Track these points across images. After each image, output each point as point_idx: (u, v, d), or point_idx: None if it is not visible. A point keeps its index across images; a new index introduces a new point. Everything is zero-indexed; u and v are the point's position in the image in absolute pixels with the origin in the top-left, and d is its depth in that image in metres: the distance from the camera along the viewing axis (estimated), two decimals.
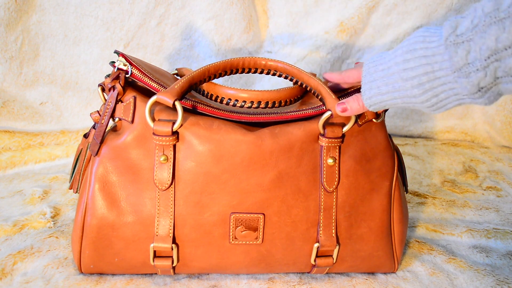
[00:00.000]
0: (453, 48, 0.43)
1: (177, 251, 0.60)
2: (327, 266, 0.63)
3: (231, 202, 0.59)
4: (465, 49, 0.42)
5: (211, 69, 0.62)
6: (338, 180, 0.61)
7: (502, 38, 0.40)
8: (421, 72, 0.46)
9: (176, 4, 1.00)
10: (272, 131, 0.59)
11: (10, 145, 0.98)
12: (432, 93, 0.47)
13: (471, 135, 1.24)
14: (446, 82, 0.45)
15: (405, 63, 0.47)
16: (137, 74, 0.60)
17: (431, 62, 0.45)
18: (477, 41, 0.41)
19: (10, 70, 0.97)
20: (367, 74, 0.53)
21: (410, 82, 0.47)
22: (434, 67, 0.45)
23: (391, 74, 0.49)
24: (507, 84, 0.42)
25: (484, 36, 0.41)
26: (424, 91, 0.47)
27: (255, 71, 0.66)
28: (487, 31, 0.41)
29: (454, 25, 0.44)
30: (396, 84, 0.49)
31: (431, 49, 0.45)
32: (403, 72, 0.48)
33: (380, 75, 0.51)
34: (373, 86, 0.52)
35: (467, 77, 0.43)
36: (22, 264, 0.65)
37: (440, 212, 0.86)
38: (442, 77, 0.45)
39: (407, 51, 0.47)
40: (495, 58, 0.41)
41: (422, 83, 0.47)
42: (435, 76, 0.45)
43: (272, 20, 1.09)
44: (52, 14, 0.96)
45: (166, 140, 0.57)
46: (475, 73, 0.42)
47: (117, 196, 0.59)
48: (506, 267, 0.70)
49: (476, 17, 0.42)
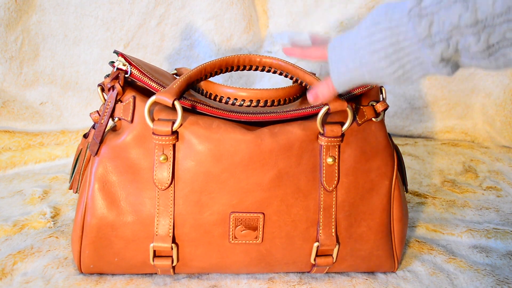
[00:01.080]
0: (417, 19, 0.44)
1: (176, 250, 0.60)
2: (327, 265, 0.63)
3: (231, 201, 0.59)
4: (429, 20, 0.43)
5: (207, 68, 0.62)
6: (337, 179, 0.61)
7: (465, 17, 0.41)
8: (387, 44, 0.46)
9: (176, 4, 1.00)
10: (271, 130, 0.59)
11: (10, 145, 0.98)
12: (398, 64, 0.47)
13: (471, 135, 1.24)
14: (412, 52, 0.46)
15: (370, 37, 0.48)
16: (137, 74, 0.60)
17: (396, 33, 0.46)
18: (441, 14, 0.42)
19: (10, 70, 0.98)
20: (333, 54, 0.53)
21: (377, 54, 0.48)
22: (399, 38, 0.46)
23: (357, 50, 0.49)
24: (465, 59, 0.43)
25: (448, 12, 0.42)
26: (391, 62, 0.47)
27: (250, 68, 0.66)
28: (451, 7, 0.42)
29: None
30: (363, 58, 0.49)
31: (395, 21, 0.46)
32: (369, 45, 0.48)
33: (346, 52, 0.51)
34: (341, 65, 0.52)
35: (431, 48, 0.44)
36: (22, 264, 0.65)
37: (440, 212, 0.86)
38: (407, 47, 0.46)
39: (371, 24, 0.48)
40: (457, 32, 0.42)
41: (389, 55, 0.47)
42: (401, 47, 0.46)
43: (272, 20, 1.10)
44: (52, 14, 0.97)
45: (165, 139, 0.57)
46: (438, 44, 0.43)
47: (117, 195, 0.59)
48: (506, 267, 0.70)
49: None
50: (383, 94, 0.65)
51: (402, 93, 1.20)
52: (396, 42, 0.46)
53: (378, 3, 1.06)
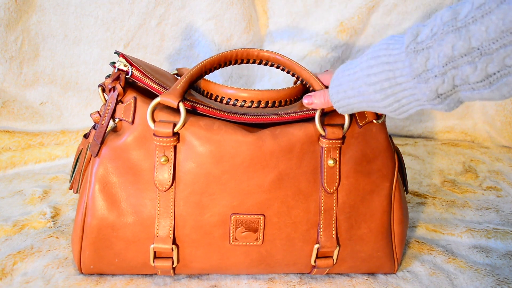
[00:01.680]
0: (413, 55, 0.44)
1: (177, 252, 0.60)
2: (327, 267, 0.63)
3: (232, 203, 0.59)
4: (424, 56, 0.44)
5: (207, 65, 0.63)
6: (338, 181, 0.61)
7: (458, 46, 0.41)
8: (383, 78, 0.48)
9: (176, 4, 1.00)
10: (272, 132, 0.59)
11: (10, 145, 0.98)
12: (393, 98, 0.48)
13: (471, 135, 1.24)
14: (407, 88, 0.46)
15: (369, 69, 0.49)
16: (138, 74, 0.60)
17: (393, 68, 0.46)
18: (436, 48, 0.43)
19: (10, 70, 0.97)
20: (335, 79, 0.55)
21: (373, 87, 0.49)
22: (395, 73, 0.46)
23: (356, 79, 0.51)
24: (466, 92, 0.43)
25: (442, 44, 0.42)
26: (386, 96, 0.48)
27: (248, 61, 0.66)
28: (444, 39, 0.42)
29: (415, 33, 0.45)
30: (360, 88, 0.51)
31: (393, 56, 0.47)
32: (367, 77, 0.49)
33: (346, 79, 0.53)
34: (340, 90, 0.54)
35: (426, 83, 0.44)
36: (22, 264, 0.65)
37: (440, 212, 0.87)
38: (403, 83, 0.46)
39: (372, 57, 0.49)
40: (452, 65, 0.42)
41: (384, 89, 0.48)
42: (396, 82, 0.47)
43: (272, 20, 1.09)
44: (52, 14, 0.96)
45: (166, 141, 0.57)
46: (433, 79, 0.43)
47: (118, 197, 0.59)
48: (506, 267, 0.70)
49: (436, 26, 0.43)
50: None
51: None
52: (392, 77, 0.47)
53: (378, 3, 1.06)
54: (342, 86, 0.54)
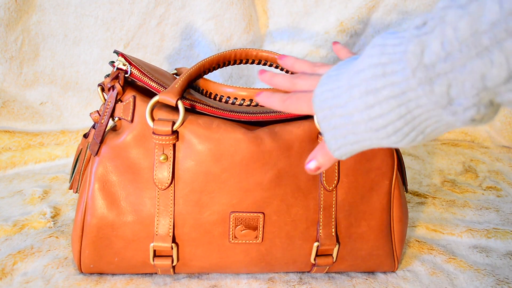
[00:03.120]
0: (427, 86, 0.32)
1: (177, 250, 0.60)
2: (327, 265, 0.63)
3: (231, 201, 0.59)
4: (443, 84, 0.32)
5: (206, 64, 0.63)
6: (337, 179, 0.61)
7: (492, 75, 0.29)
8: (394, 118, 0.36)
9: (176, 4, 1.00)
10: (271, 130, 0.59)
11: (10, 145, 0.98)
12: (415, 133, 0.36)
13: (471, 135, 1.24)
14: (430, 117, 0.34)
15: (369, 110, 0.37)
16: (137, 73, 0.60)
17: (404, 102, 0.34)
18: (457, 75, 0.31)
19: (10, 70, 0.98)
20: (324, 120, 0.41)
21: (384, 131, 0.37)
22: (409, 107, 0.34)
23: (355, 123, 0.39)
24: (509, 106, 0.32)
25: (464, 71, 0.30)
26: (405, 135, 0.37)
27: (247, 62, 0.66)
28: (467, 66, 0.30)
29: (419, 50, 0.32)
30: (365, 134, 0.39)
31: (398, 86, 0.34)
32: (370, 121, 0.37)
33: (340, 121, 0.40)
34: (337, 135, 0.41)
35: (454, 116, 0.33)
36: (22, 264, 0.65)
37: (440, 212, 0.86)
38: (423, 114, 0.34)
39: (367, 91, 0.36)
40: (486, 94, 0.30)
41: (400, 129, 0.36)
42: (413, 116, 0.35)
43: (272, 20, 1.10)
44: (52, 14, 0.97)
45: (166, 139, 0.57)
46: (463, 111, 0.32)
47: (117, 195, 0.59)
48: (506, 267, 0.70)
49: (447, 40, 0.30)
50: None
51: None
52: (406, 113, 0.35)
53: (378, 3, 1.06)
54: (339, 130, 0.41)
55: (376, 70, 0.35)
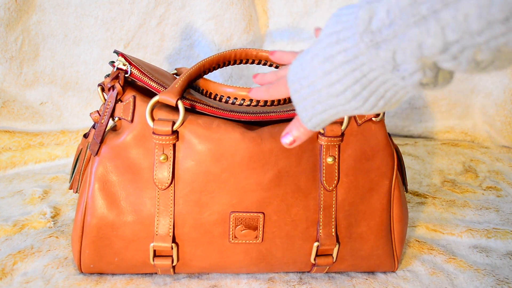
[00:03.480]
0: (373, 50, 0.34)
1: (177, 250, 0.60)
2: (327, 265, 0.63)
3: (231, 201, 0.59)
4: (388, 49, 0.33)
5: (206, 64, 0.63)
6: (337, 179, 0.61)
7: (427, 44, 0.31)
8: (350, 82, 0.37)
9: (176, 4, 1.00)
10: (271, 130, 0.59)
11: (10, 145, 0.98)
12: (375, 97, 0.38)
13: (471, 135, 1.24)
14: (385, 80, 0.36)
15: (327, 76, 0.38)
16: (137, 73, 0.60)
17: (357, 66, 0.36)
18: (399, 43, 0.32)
19: (10, 70, 0.98)
20: (295, 93, 0.44)
21: (343, 96, 0.38)
22: (363, 71, 0.36)
23: (318, 91, 0.40)
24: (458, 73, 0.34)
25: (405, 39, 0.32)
26: (365, 100, 0.38)
27: (247, 62, 0.67)
28: (407, 33, 0.32)
29: (367, 16, 0.34)
30: (328, 101, 0.40)
31: (350, 51, 0.36)
32: (329, 87, 0.39)
33: (307, 92, 0.42)
34: (307, 106, 0.43)
35: (403, 79, 0.35)
36: (22, 264, 0.65)
37: (440, 212, 0.86)
38: (378, 77, 0.36)
39: (324, 59, 0.38)
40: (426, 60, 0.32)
41: (358, 93, 0.38)
42: (369, 80, 0.36)
43: (272, 20, 1.10)
44: (52, 14, 0.97)
45: (166, 139, 0.57)
46: (410, 76, 0.34)
47: (117, 195, 0.59)
48: (506, 267, 0.70)
49: (391, 9, 0.32)
50: None
51: None
52: (361, 76, 0.36)
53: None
54: (308, 101, 0.42)
55: (331, 38, 0.37)
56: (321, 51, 0.39)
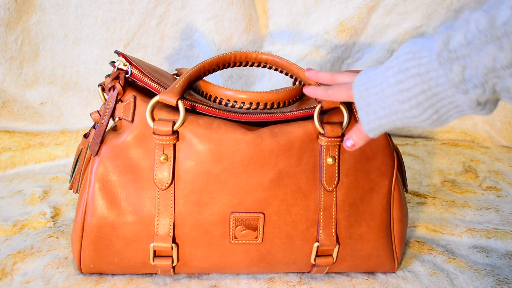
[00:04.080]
0: (447, 64, 0.42)
1: (177, 250, 0.60)
2: (327, 265, 0.63)
3: (231, 201, 0.59)
4: (461, 65, 0.41)
5: (206, 66, 0.64)
6: (337, 179, 0.61)
7: (500, 58, 0.38)
8: (417, 91, 0.45)
9: (176, 4, 1.00)
10: (271, 130, 0.59)
11: (10, 145, 0.98)
12: (432, 110, 0.45)
13: (471, 135, 1.24)
14: (445, 97, 0.43)
15: (399, 84, 0.46)
16: (137, 74, 0.60)
17: (426, 79, 0.44)
18: (473, 58, 0.40)
19: (10, 70, 0.98)
20: (360, 99, 0.51)
21: (408, 103, 0.46)
22: (430, 84, 0.44)
23: (386, 97, 0.48)
24: (505, 98, 0.41)
25: (480, 55, 0.39)
26: (424, 110, 0.45)
27: (246, 64, 0.67)
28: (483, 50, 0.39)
29: (445, 39, 0.42)
30: (393, 107, 0.47)
31: (424, 66, 0.44)
32: (398, 94, 0.46)
33: (374, 98, 0.49)
34: (370, 111, 0.50)
35: (465, 94, 0.42)
36: (22, 264, 0.65)
37: (440, 212, 0.86)
38: (440, 92, 0.43)
39: (399, 71, 0.46)
40: (493, 76, 0.39)
41: (421, 102, 0.45)
42: (433, 93, 0.44)
43: (272, 20, 1.10)
44: (52, 14, 0.97)
45: (166, 139, 0.57)
46: (473, 89, 0.41)
47: (117, 195, 0.59)
48: (506, 267, 0.70)
49: (470, 33, 0.40)
50: None
51: None
52: (427, 89, 0.44)
53: (378, 3, 1.06)
54: (371, 107, 0.50)
55: (408, 56, 0.45)
56: (397, 64, 0.46)
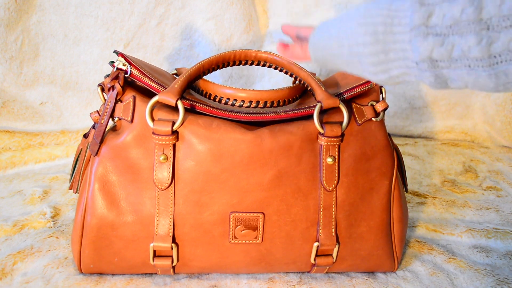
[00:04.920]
0: (417, 5, 0.40)
1: (176, 250, 0.60)
2: (327, 265, 0.63)
3: (231, 201, 0.59)
4: (428, 10, 0.39)
5: (205, 65, 0.63)
6: (337, 179, 0.61)
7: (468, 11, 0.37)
8: (379, 21, 0.43)
9: (176, 4, 1.00)
10: (271, 130, 0.59)
11: (10, 145, 0.98)
12: (382, 46, 0.43)
13: (471, 135, 1.24)
14: (400, 40, 0.42)
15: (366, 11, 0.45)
16: (136, 74, 0.60)
17: (392, 15, 0.42)
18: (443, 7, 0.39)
19: (10, 70, 0.98)
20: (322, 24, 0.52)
21: (365, 27, 0.44)
22: (393, 20, 0.42)
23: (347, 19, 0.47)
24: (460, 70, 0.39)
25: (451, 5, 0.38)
26: (376, 40, 0.44)
27: (246, 63, 0.67)
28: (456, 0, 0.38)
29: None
30: (349, 29, 0.46)
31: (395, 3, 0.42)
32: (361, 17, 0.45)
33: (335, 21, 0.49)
34: (324, 29, 0.51)
35: (423, 38, 0.40)
36: (22, 264, 0.65)
37: (440, 212, 0.86)
38: (398, 33, 0.42)
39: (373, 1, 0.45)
40: (456, 29, 0.38)
41: (376, 32, 0.43)
42: (391, 30, 0.42)
43: (272, 20, 1.10)
44: (52, 14, 0.97)
45: (165, 139, 0.57)
46: (433, 37, 0.39)
47: (117, 195, 0.59)
48: (506, 267, 0.70)
49: None
50: (383, 94, 0.65)
51: (402, 93, 1.20)
52: (389, 23, 0.42)
53: None
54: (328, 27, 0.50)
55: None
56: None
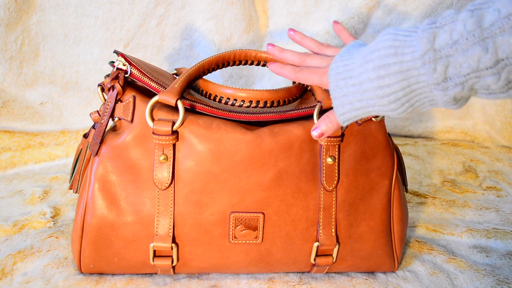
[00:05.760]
0: (432, 65, 0.42)
1: (176, 250, 0.60)
2: (327, 265, 0.63)
3: (231, 201, 0.59)
4: (444, 64, 0.42)
5: (205, 65, 0.64)
6: (337, 179, 0.61)
7: (485, 59, 0.39)
8: (397, 88, 0.45)
9: (176, 4, 1.00)
10: (271, 130, 0.59)
11: (10, 145, 0.98)
12: (408, 104, 0.46)
13: (471, 135, 1.24)
14: (423, 92, 0.45)
15: (379, 80, 0.46)
16: (137, 74, 0.60)
17: (407, 77, 0.44)
18: (458, 58, 0.41)
19: (10, 70, 0.98)
20: (337, 88, 0.51)
21: (387, 98, 0.46)
22: (410, 82, 0.44)
23: (364, 91, 0.48)
24: (482, 95, 0.42)
25: (466, 55, 0.40)
26: (401, 104, 0.46)
27: (246, 63, 0.67)
28: (469, 50, 0.40)
29: (431, 38, 0.42)
30: (370, 100, 0.48)
31: (406, 64, 0.44)
32: (378, 89, 0.46)
33: (351, 90, 0.49)
34: (345, 102, 0.50)
35: (444, 91, 0.43)
36: (22, 264, 0.65)
37: (440, 212, 0.86)
38: (419, 89, 0.44)
39: (380, 66, 0.46)
40: (474, 75, 0.40)
41: (399, 98, 0.46)
42: (411, 90, 0.45)
43: (272, 20, 1.10)
44: (52, 14, 0.97)
45: (165, 139, 0.57)
46: (453, 87, 0.42)
47: (117, 195, 0.59)
48: (506, 267, 0.70)
49: (456, 32, 0.41)
50: None
51: None
52: (407, 86, 0.45)
53: (378, 3, 1.06)
54: (348, 97, 0.50)
55: (389, 50, 0.45)
56: (378, 59, 0.46)
